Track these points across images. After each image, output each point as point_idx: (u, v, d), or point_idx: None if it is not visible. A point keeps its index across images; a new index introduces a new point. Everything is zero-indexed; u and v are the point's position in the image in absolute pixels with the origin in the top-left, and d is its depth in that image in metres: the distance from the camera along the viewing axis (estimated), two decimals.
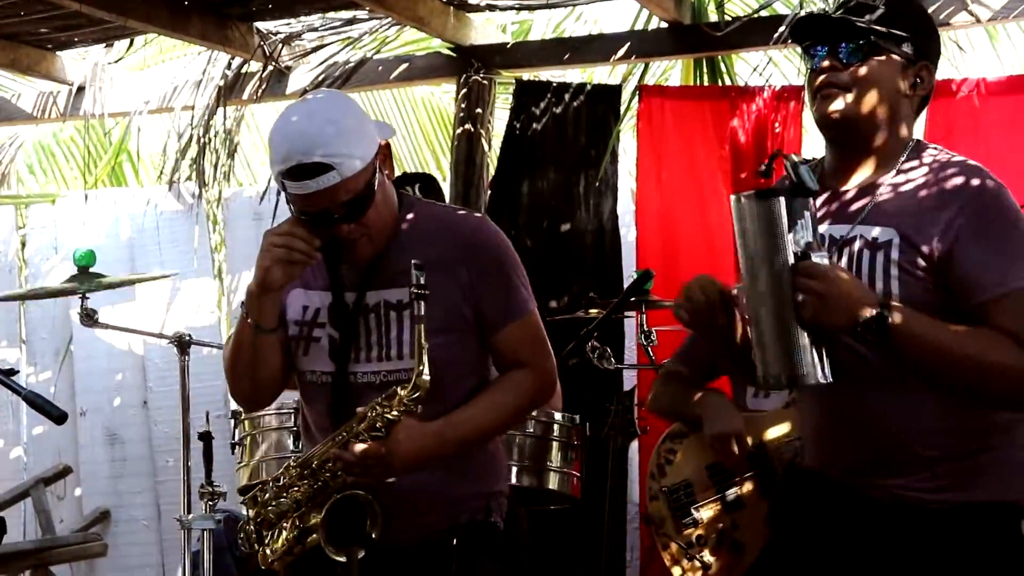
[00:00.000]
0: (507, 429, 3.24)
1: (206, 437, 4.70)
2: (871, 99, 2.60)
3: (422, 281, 2.73)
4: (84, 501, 6.62)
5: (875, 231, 2.54)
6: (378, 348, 2.89)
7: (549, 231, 6.11)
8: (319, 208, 2.78)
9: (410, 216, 2.96)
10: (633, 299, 4.25)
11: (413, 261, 2.74)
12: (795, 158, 2.46)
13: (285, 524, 2.87)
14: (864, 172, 2.64)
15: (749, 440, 3.87)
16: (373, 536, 2.77)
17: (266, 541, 2.91)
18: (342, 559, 2.75)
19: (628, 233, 6.04)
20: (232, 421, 4.68)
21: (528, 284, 3.02)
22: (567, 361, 4.03)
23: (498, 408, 2.94)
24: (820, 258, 2.43)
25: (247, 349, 2.92)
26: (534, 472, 4.24)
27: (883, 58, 2.61)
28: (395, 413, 2.77)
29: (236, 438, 4.64)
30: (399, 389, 2.78)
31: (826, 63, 2.61)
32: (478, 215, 3.12)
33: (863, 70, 2.60)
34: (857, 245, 2.56)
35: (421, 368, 2.74)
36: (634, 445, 4.94)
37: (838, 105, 2.60)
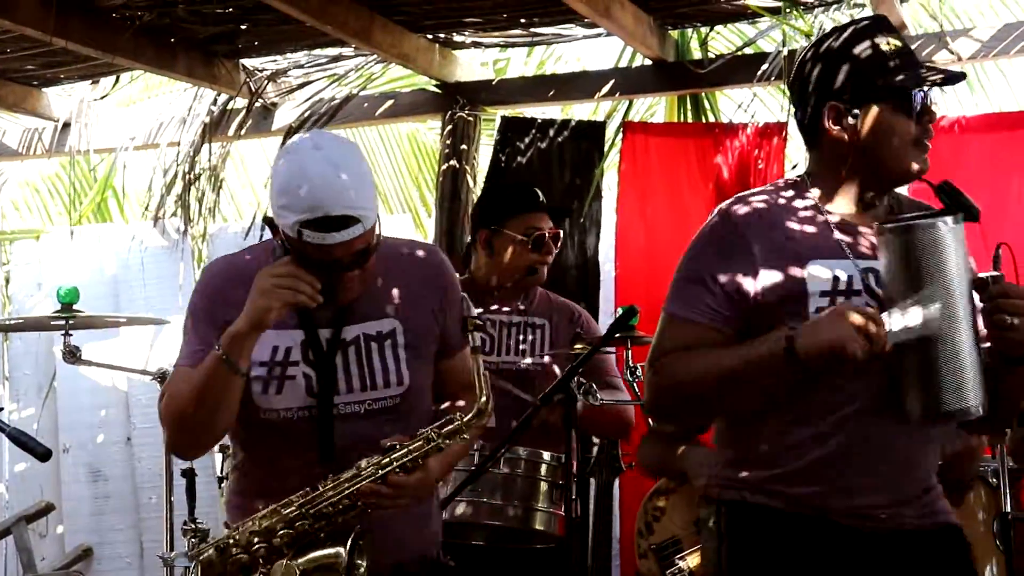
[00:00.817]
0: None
1: (189, 474, 4.69)
2: None
3: (475, 313, 2.83)
4: (67, 538, 6.58)
5: None
6: (360, 379, 2.91)
7: None
8: (334, 257, 2.77)
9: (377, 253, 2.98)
10: (618, 335, 4.26)
11: (464, 299, 2.88)
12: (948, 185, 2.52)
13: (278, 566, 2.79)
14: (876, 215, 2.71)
15: None
16: (361, 568, 2.78)
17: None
18: None
19: (612, 269, 6.05)
20: (220, 456, 4.67)
21: None
22: (552, 397, 4.04)
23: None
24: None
25: (217, 392, 2.81)
26: (521, 511, 4.24)
27: None
28: (449, 441, 2.82)
29: (223, 472, 4.63)
30: (459, 415, 2.83)
31: (937, 116, 2.69)
32: (432, 246, 3.19)
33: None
34: None
35: (485, 390, 2.82)
36: (618, 481, 4.93)
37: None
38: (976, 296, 2.49)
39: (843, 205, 2.71)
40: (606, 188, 6.29)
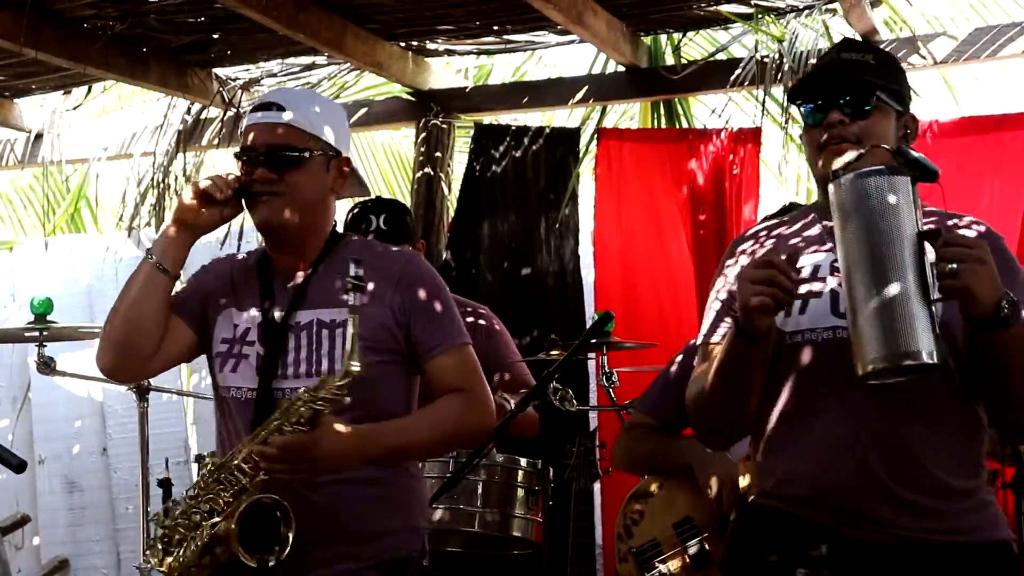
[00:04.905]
0: (439, 450, 3.24)
1: (166, 484, 4.67)
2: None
3: (360, 273, 2.74)
4: (43, 550, 6.55)
5: None
6: (307, 364, 2.90)
7: (510, 273, 6.13)
8: (253, 144, 2.94)
9: (347, 247, 3.01)
10: (594, 340, 4.27)
11: (351, 256, 2.77)
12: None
13: (196, 534, 2.79)
14: None
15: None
16: (289, 537, 2.72)
17: (174, 554, 2.82)
18: (253, 564, 2.71)
19: (589, 274, 6.06)
20: (195, 465, 4.66)
21: (462, 321, 3.02)
22: (529, 403, 4.04)
23: (430, 426, 2.91)
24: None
25: (135, 284, 3.02)
26: (498, 517, 4.24)
27: (884, 112, 2.67)
28: (321, 403, 2.74)
29: None
30: (328, 377, 2.77)
31: (835, 117, 2.64)
32: (410, 250, 3.19)
33: (871, 124, 2.64)
34: None
35: (352, 354, 2.73)
36: (596, 486, 4.93)
37: (849, 157, 2.61)
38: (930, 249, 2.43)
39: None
40: (581, 194, 6.30)
